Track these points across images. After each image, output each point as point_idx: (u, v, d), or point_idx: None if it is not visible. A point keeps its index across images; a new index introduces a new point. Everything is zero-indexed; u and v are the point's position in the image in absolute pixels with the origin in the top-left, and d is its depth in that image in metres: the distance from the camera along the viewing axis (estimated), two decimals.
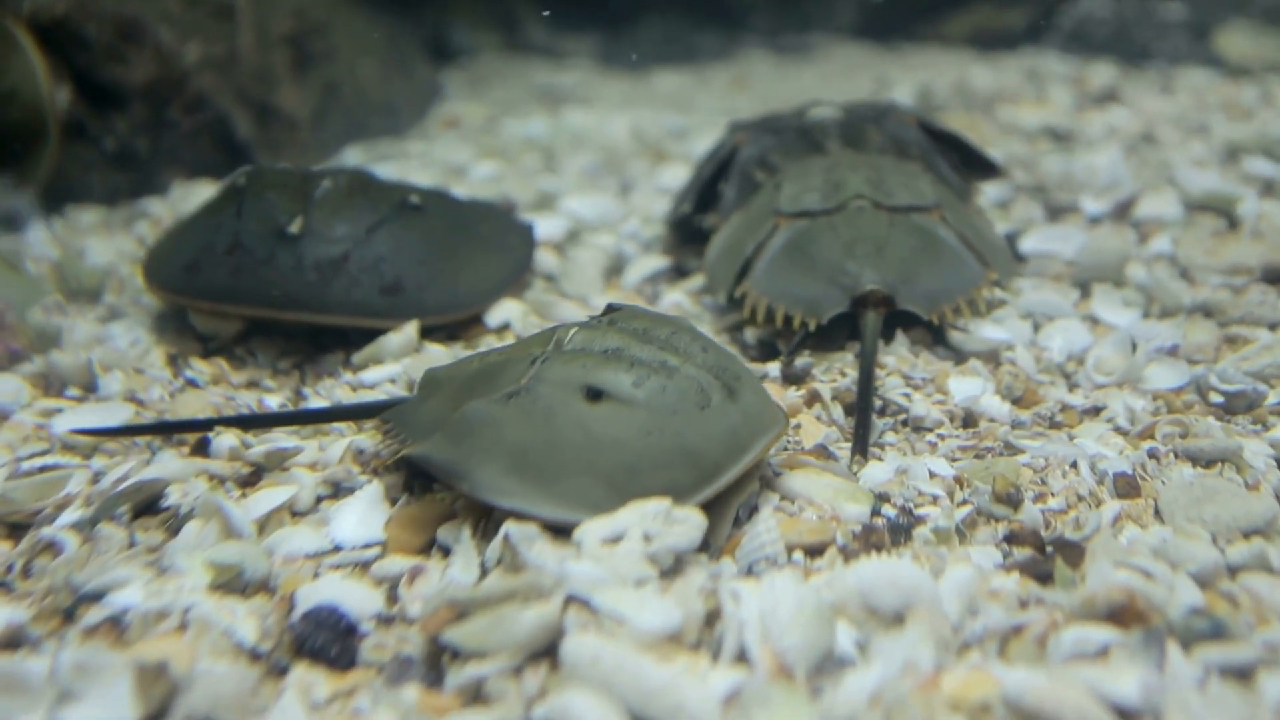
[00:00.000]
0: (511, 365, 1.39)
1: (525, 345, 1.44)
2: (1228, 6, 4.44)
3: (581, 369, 1.31)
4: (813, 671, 1.06)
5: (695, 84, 4.12)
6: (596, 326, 1.41)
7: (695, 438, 1.27)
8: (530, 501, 1.24)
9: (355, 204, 1.88)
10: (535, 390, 1.31)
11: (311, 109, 3.23)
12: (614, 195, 2.65)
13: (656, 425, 1.27)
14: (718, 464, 1.26)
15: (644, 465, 1.25)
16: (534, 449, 1.27)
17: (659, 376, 1.30)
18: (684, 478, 1.25)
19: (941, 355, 1.77)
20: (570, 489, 1.24)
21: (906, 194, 1.96)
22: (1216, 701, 1.01)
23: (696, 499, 1.24)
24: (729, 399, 1.31)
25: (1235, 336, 1.85)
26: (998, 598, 1.16)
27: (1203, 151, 2.89)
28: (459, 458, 1.28)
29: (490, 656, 1.07)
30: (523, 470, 1.26)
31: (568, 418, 1.28)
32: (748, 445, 1.29)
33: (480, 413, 1.31)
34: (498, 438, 1.28)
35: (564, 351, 1.36)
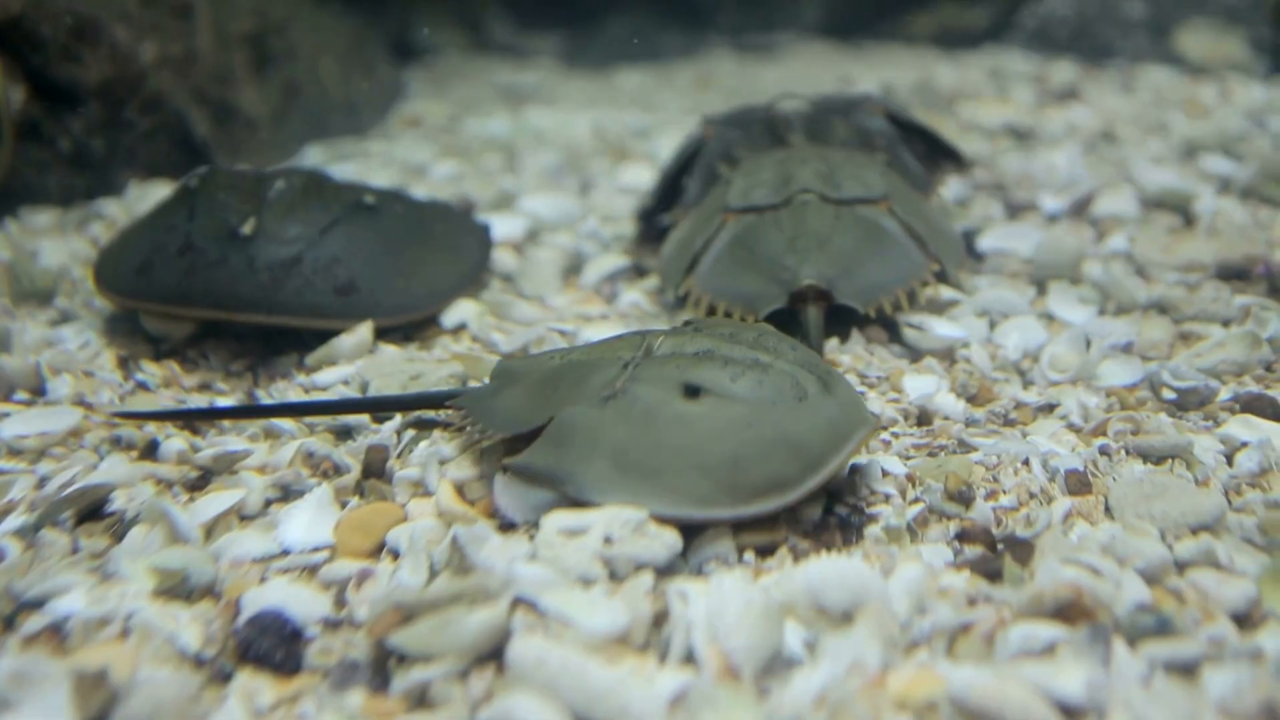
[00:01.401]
0: (600, 367, 1.39)
1: (612, 347, 1.44)
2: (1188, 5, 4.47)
3: (676, 369, 1.32)
4: (760, 672, 1.05)
5: (659, 83, 4.12)
6: (684, 332, 1.42)
7: (796, 428, 1.26)
8: (636, 498, 1.23)
9: (309, 205, 1.86)
10: (632, 392, 1.31)
11: (271, 108, 3.20)
12: (574, 194, 2.64)
13: (756, 417, 1.26)
14: (821, 454, 1.25)
15: (747, 457, 1.24)
16: (636, 448, 1.26)
17: (754, 372, 1.31)
18: (788, 468, 1.24)
19: (897, 353, 1.78)
20: (675, 484, 1.23)
21: (855, 186, 1.97)
22: (1160, 698, 1.01)
23: (802, 489, 1.23)
24: (825, 391, 1.31)
25: (1189, 333, 1.86)
26: (947, 596, 1.16)
27: (1161, 149, 2.91)
28: (560, 462, 1.27)
29: (436, 660, 1.07)
30: (626, 469, 1.25)
31: (667, 416, 1.28)
32: (848, 435, 1.28)
33: (578, 418, 1.30)
34: (598, 440, 1.27)
35: (655, 357, 1.36)
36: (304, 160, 3.11)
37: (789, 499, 1.23)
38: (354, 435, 1.53)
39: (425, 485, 1.39)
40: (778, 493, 1.23)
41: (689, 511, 1.22)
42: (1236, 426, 1.54)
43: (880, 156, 2.19)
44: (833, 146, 2.20)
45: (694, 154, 2.30)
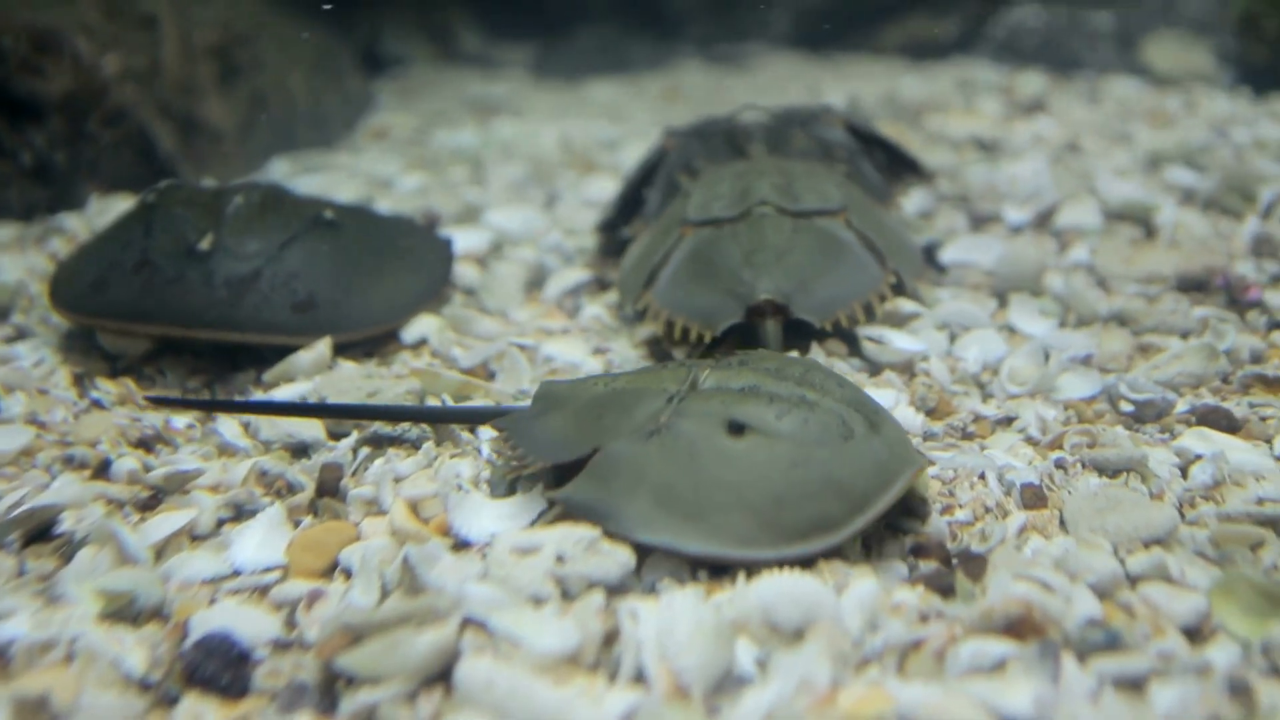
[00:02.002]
0: (645, 398, 1.37)
1: (657, 377, 1.43)
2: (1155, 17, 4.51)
3: (721, 405, 1.30)
4: (711, 691, 1.05)
5: (629, 94, 4.12)
6: (729, 366, 1.41)
7: (842, 468, 1.24)
8: (678, 537, 1.21)
9: (268, 220, 1.85)
10: (676, 427, 1.29)
11: (238, 121, 3.19)
12: (539, 207, 2.64)
13: (802, 457, 1.25)
14: (867, 494, 1.23)
15: (792, 497, 1.22)
16: (679, 485, 1.24)
17: (800, 410, 1.29)
18: (833, 509, 1.22)
19: (857, 367, 1.78)
20: (718, 524, 1.22)
21: (813, 198, 1.97)
22: (1107, 713, 1.01)
23: (848, 530, 1.21)
24: (872, 431, 1.29)
25: (1148, 345, 1.87)
26: (899, 612, 1.16)
27: (1126, 160, 2.93)
28: (603, 498, 1.26)
29: (384, 682, 1.06)
30: (669, 507, 1.23)
31: (711, 453, 1.26)
32: (895, 476, 1.25)
33: (622, 453, 1.29)
34: (641, 476, 1.26)
35: (700, 391, 1.34)
36: (270, 173, 3.09)
37: (835, 540, 1.21)
38: (310, 453, 1.52)
39: (379, 503, 1.39)
40: (823, 534, 1.21)
41: (732, 551, 1.20)
42: (1192, 439, 1.55)
43: (840, 168, 2.20)
44: (793, 158, 2.20)
45: (655, 166, 2.31)
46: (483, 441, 1.53)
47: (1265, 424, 1.59)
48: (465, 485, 1.40)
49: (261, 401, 1.62)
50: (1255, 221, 2.38)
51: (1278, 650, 1.09)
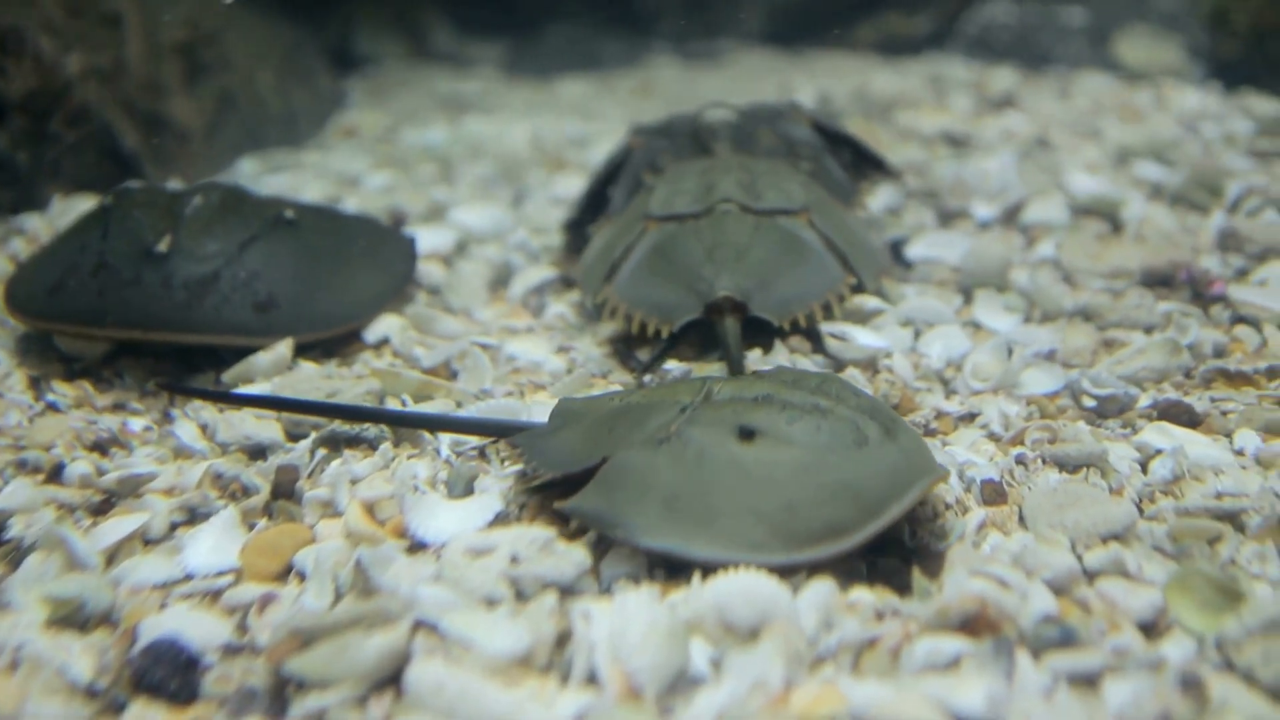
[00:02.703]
0: (658, 410, 1.36)
1: (672, 391, 1.41)
2: (1127, 12, 4.52)
3: (732, 413, 1.29)
4: (664, 691, 1.04)
5: (600, 91, 4.11)
6: (744, 378, 1.39)
7: (855, 474, 1.22)
8: (687, 543, 1.19)
9: (227, 220, 1.84)
10: (686, 434, 1.27)
11: (205, 120, 3.16)
12: (506, 205, 2.62)
13: (814, 462, 1.23)
14: (880, 500, 1.20)
15: (803, 503, 1.20)
16: (688, 491, 1.23)
17: (813, 416, 1.27)
18: (845, 514, 1.19)
19: (820, 364, 1.77)
20: (727, 529, 1.20)
21: (776, 197, 1.97)
22: (1060, 710, 1.01)
23: (861, 536, 1.18)
24: (887, 438, 1.27)
25: (1112, 340, 1.87)
26: (855, 610, 1.15)
27: (1095, 155, 2.93)
28: (611, 506, 1.24)
29: (334, 686, 1.05)
30: (678, 513, 1.21)
31: (721, 459, 1.24)
32: (910, 483, 1.22)
33: (630, 461, 1.28)
34: (650, 483, 1.24)
35: (714, 401, 1.33)
36: (238, 172, 3.07)
37: (846, 545, 1.18)
38: (267, 454, 1.51)
39: (335, 505, 1.38)
40: (834, 539, 1.18)
41: (741, 556, 1.18)
42: (1152, 434, 1.55)
43: (805, 166, 2.20)
44: (758, 156, 2.20)
45: (621, 164, 2.30)
46: (441, 442, 1.52)
47: (1226, 418, 1.60)
48: (422, 486, 1.39)
49: (276, 397, 1.60)
50: (1221, 216, 2.39)
51: (1231, 645, 1.09)
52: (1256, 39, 3.79)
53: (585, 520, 1.27)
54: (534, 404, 1.60)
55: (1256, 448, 1.51)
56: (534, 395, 1.66)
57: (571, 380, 1.66)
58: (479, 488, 1.39)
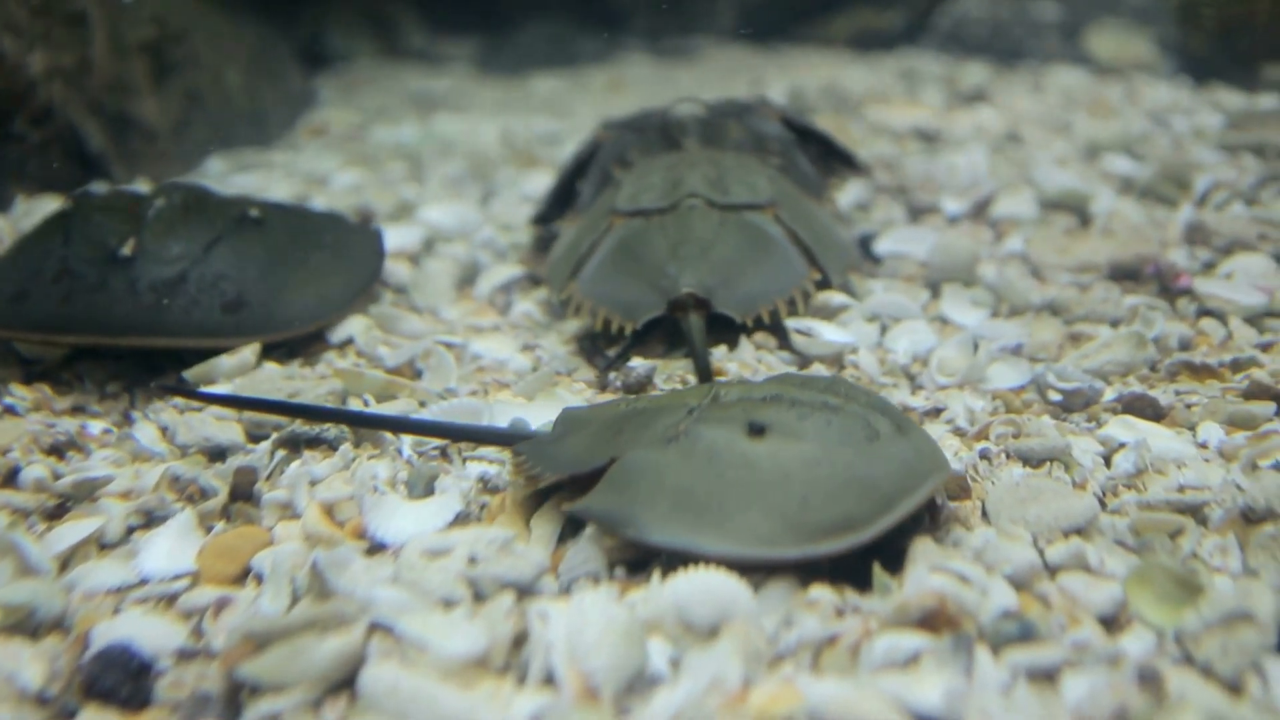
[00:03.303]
0: (665, 412, 1.34)
1: (679, 395, 1.41)
2: (1099, 7, 4.54)
3: (742, 410, 1.28)
4: (622, 691, 1.03)
5: (573, 88, 4.10)
6: (752, 382, 1.38)
7: (867, 468, 1.21)
8: (698, 539, 1.18)
9: (191, 221, 1.82)
10: (695, 432, 1.26)
11: (173, 119, 3.14)
12: (475, 203, 2.61)
13: (825, 457, 1.22)
14: (892, 495, 1.19)
15: (815, 497, 1.19)
16: (698, 488, 1.21)
17: (823, 412, 1.26)
18: (858, 508, 1.18)
19: (786, 360, 1.77)
20: (739, 525, 1.18)
21: (742, 191, 1.96)
22: (1017, 706, 1.01)
23: (874, 529, 1.17)
24: (899, 433, 1.26)
25: (1079, 334, 1.87)
26: (815, 607, 1.15)
27: (1065, 150, 2.94)
28: (620, 505, 1.23)
29: (288, 690, 1.04)
30: (688, 510, 1.20)
31: (731, 455, 1.23)
32: (923, 478, 1.22)
33: (639, 460, 1.26)
34: (659, 481, 1.23)
35: (722, 402, 1.32)
36: (206, 171, 3.05)
37: (861, 539, 1.17)
38: (227, 456, 1.50)
39: (294, 507, 1.36)
40: (847, 532, 1.17)
41: (753, 551, 1.16)
42: (1116, 428, 1.55)
43: (774, 161, 2.19)
44: (727, 150, 2.19)
45: (589, 158, 2.30)
46: (403, 443, 1.50)
47: (1190, 411, 1.60)
48: (382, 487, 1.37)
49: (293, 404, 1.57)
50: (1190, 209, 2.40)
51: (1190, 638, 1.09)
52: (1225, 33, 3.81)
53: (595, 520, 1.25)
54: (496, 403, 1.59)
55: (1219, 440, 1.51)
56: (498, 394, 1.65)
57: (536, 378, 1.65)
58: (439, 488, 1.38)
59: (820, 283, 1.92)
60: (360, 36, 4.64)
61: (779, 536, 1.17)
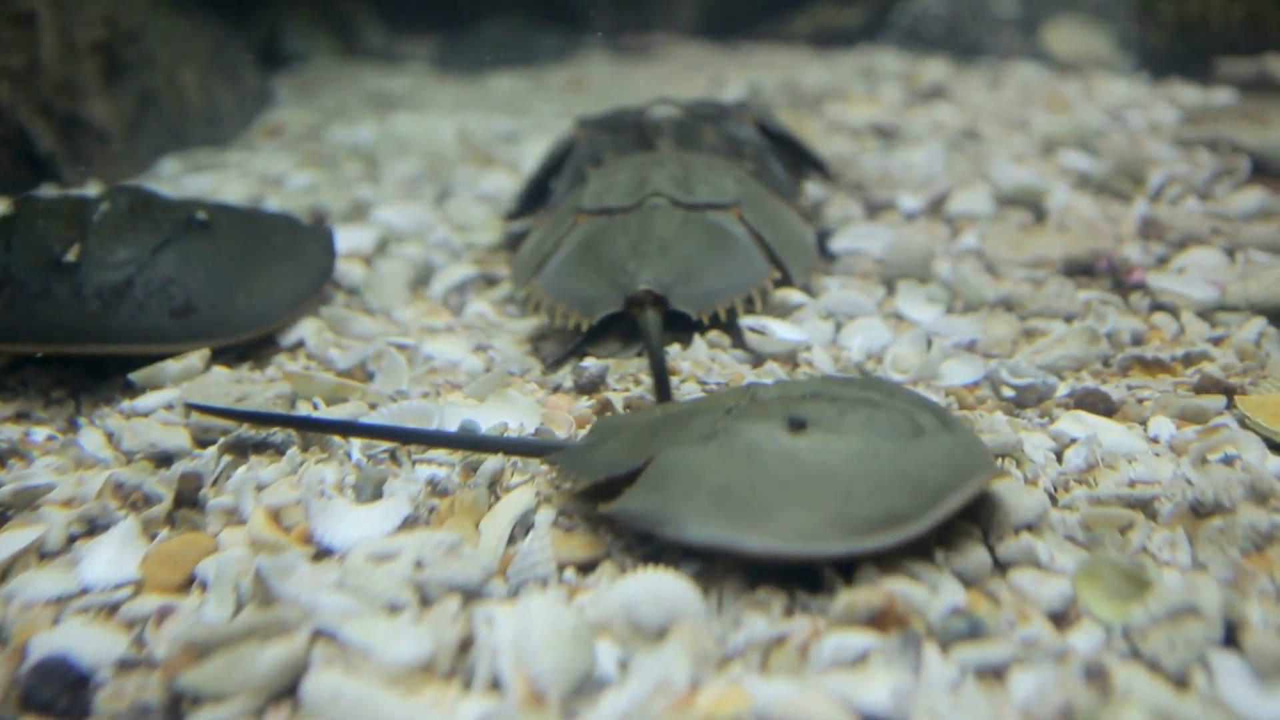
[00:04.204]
0: (702, 414, 1.31)
1: (718, 398, 1.38)
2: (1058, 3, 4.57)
3: (781, 407, 1.25)
4: (569, 694, 1.03)
5: (532, 86, 4.08)
6: (792, 381, 1.36)
7: (912, 463, 1.19)
8: (739, 536, 1.14)
9: (137, 225, 1.79)
10: (733, 429, 1.23)
11: (126, 120, 3.10)
12: (430, 203, 2.59)
13: (870, 451, 1.19)
14: (940, 490, 1.17)
15: (859, 492, 1.16)
16: (738, 484, 1.18)
17: (865, 407, 1.24)
18: (904, 503, 1.15)
19: (740, 358, 1.76)
20: (782, 521, 1.14)
21: (707, 191, 1.97)
22: (965, 703, 1.00)
23: (922, 524, 1.14)
24: (945, 429, 1.24)
25: (1033, 329, 1.87)
26: (764, 608, 1.14)
27: (1023, 146, 2.95)
28: (657, 504, 1.19)
29: (229, 699, 1.02)
30: (728, 508, 1.16)
31: (771, 450, 1.20)
32: (971, 473, 1.19)
33: (676, 459, 1.23)
34: (697, 479, 1.20)
35: (761, 400, 1.29)
36: (160, 172, 3.01)
37: (907, 534, 1.14)
38: (173, 462, 1.47)
39: (240, 513, 1.34)
40: (894, 528, 1.14)
41: (797, 548, 1.13)
42: (1068, 423, 1.55)
43: (747, 165, 2.19)
44: (701, 153, 2.19)
45: (564, 156, 2.31)
46: (353, 446, 1.49)
47: (1142, 406, 1.60)
48: (329, 491, 1.36)
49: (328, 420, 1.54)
50: (1144, 204, 2.41)
51: (1138, 633, 1.09)
52: (1183, 29, 3.84)
53: (631, 521, 1.22)
54: (447, 405, 1.57)
55: (1170, 434, 1.52)
56: (449, 395, 1.64)
57: (487, 380, 1.63)
58: (388, 491, 1.36)
59: (781, 281, 1.92)
60: (318, 36, 4.61)
61: (823, 532, 1.14)
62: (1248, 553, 1.22)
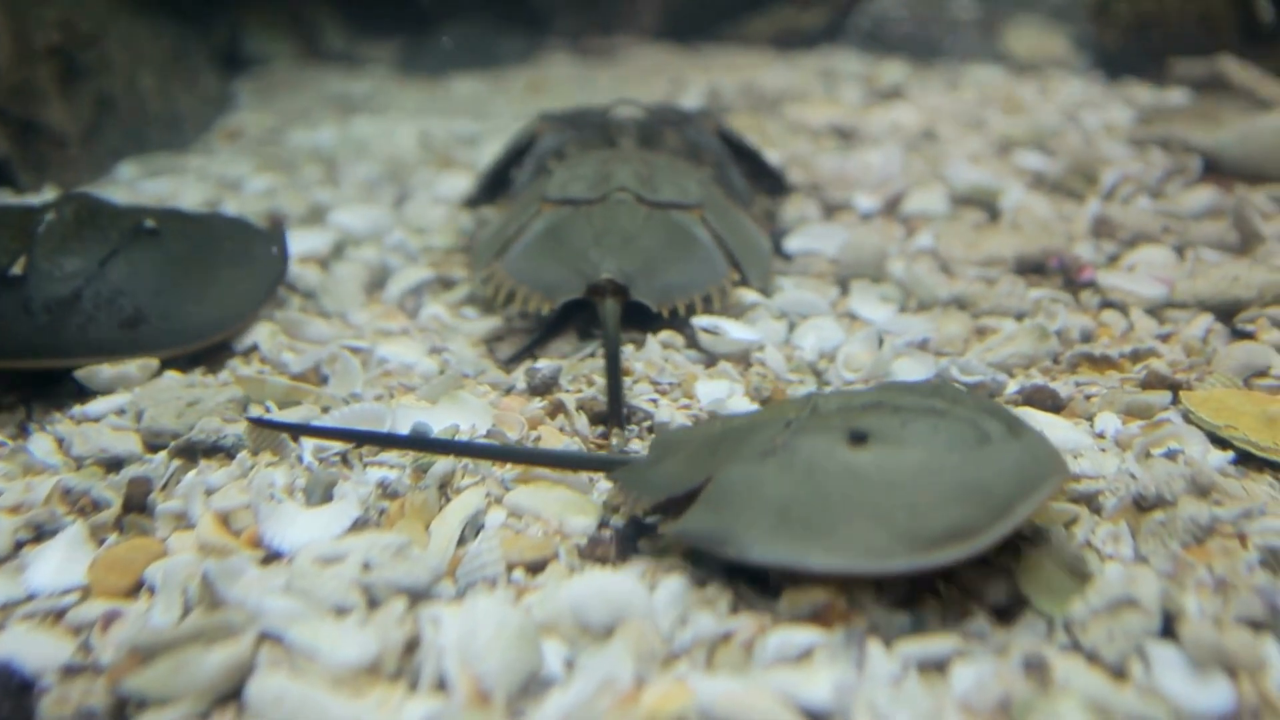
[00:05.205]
0: (762, 428, 1.29)
1: (778, 410, 1.35)
2: (1017, 4, 4.61)
3: (841, 419, 1.23)
4: (516, 694, 1.03)
5: (493, 89, 4.08)
6: (852, 391, 1.33)
7: (980, 473, 1.15)
8: (804, 554, 1.12)
9: (84, 235, 1.77)
10: (793, 445, 1.21)
11: (83, 124, 3.08)
12: (388, 206, 2.59)
13: (935, 463, 1.16)
14: (1009, 499, 1.13)
15: (926, 504, 1.13)
16: (801, 501, 1.15)
17: (928, 418, 1.22)
18: (973, 515, 1.12)
19: (693, 359, 1.77)
20: (846, 537, 1.12)
21: (671, 191, 1.99)
22: (906, 697, 1.02)
23: (990, 537, 1.11)
24: (1011, 435, 1.21)
25: (985, 327, 1.89)
26: (711, 605, 1.15)
27: (979, 146, 2.98)
28: (719, 524, 1.17)
29: (174, 703, 1.02)
30: (792, 524, 1.14)
31: (833, 465, 1.18)
32: (1040, 480, 1.16)
33: (736, 476, 1.21)
34: (758, 497, 1.17)
35: (821, 412, 1.27)
36: (118, 177, 2.99)
37: (975, 548, 1.11)
38: (123, 467, 1.47)
39: (189, 517, 1.34)
40: (962, 541, 1.11)
41: (865, 565, 1.10)
42: None
43: (707, 170, 2.21)
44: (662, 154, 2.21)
45: (525, 148, 2.34)
46: (304, 449, 1.49)
47: (1089, 402, 1.62)
48: (279, 494, 1.35)
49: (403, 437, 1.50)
50: (1097, 203, 2.44)
51: (1078, 625, 1.11)
52: (1138, 29, 3.88)
53: (693, 542, 1.19)
54: (400, 407, 1.57)
55: (1116, 430, 1.54)
56: (402, 398, 1.64)
57: (441, 382, 1.63)
58: (338, 494, 1.36)
59: (739, 283, 1.94)
60: (280, 39, 4.58)
61: (890, 548, 1.11)
62: (1188, 545, 1.24)
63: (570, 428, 1.57)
